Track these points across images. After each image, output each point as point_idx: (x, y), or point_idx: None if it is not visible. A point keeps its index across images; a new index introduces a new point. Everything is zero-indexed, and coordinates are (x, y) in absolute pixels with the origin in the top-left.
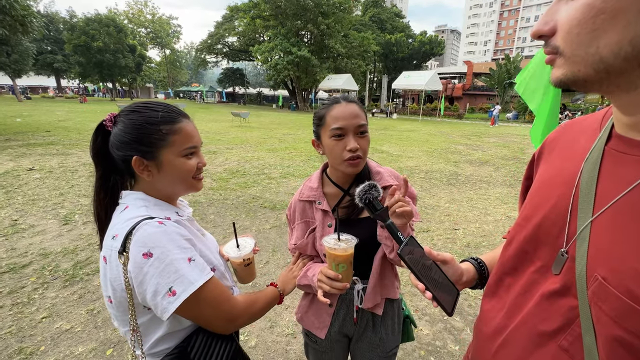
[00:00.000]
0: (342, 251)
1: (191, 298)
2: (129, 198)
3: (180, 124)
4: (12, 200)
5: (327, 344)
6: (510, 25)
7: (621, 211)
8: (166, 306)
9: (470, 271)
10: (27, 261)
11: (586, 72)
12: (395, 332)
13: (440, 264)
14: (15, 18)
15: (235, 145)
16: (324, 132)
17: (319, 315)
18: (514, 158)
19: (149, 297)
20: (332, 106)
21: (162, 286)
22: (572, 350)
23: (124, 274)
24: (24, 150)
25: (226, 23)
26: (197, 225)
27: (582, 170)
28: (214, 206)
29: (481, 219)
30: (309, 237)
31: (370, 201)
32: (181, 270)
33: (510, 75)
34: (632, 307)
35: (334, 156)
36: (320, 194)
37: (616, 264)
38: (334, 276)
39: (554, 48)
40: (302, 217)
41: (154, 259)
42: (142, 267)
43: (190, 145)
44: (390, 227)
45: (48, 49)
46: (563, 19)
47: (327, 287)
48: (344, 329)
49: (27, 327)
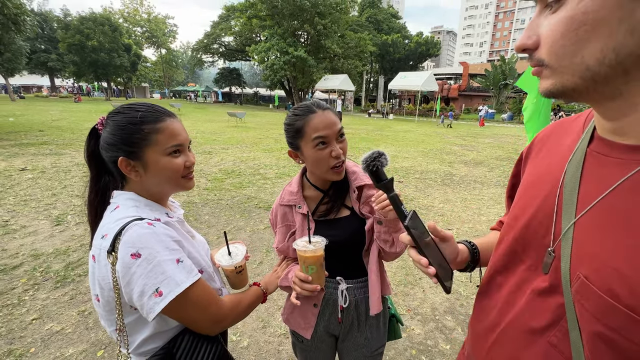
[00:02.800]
0: (312, 252)
1: (177, 299)
2: (119, 198)
3: (163, 122)
4: (3, 201)
5: (313, 344)
6: (506, 27)
7: (602, 212)
8: (152, 306)
9: (464, 252)
10: (17, 262)
11: (574, 82)
12: (381, 332)
13: (440, 241)
14: (7, 16)
15: (230, 145)
16: (305, 143)
17: (304, 316)
18: (508, 159)
19: (136, 297)
20: (308, 116)
21: (148, 287)
22: (561, 346)
23: (112, 273)
24: (16, 150)
25: (222, 22)
26: (188, 227)
27: (566, 172)
28: (209, 206)
29: (475, 219)
30: (289, 240)
31: (377, 168)
32: (168, 272)
33: (506, 76)
34: (612, 304)
35: (318, 165)
36: (300, 198)
37: (597, 263)
38: (303, 278)
39: (539, 61)
40: (282, 221)
41: (142, 259)
42: (129, 267)
43: (174, 143)
44: (394, 199)
45: (42, 47)
46: (546, 32)
47: (299, 289)
48: (329, 329)
49: (17, 329)
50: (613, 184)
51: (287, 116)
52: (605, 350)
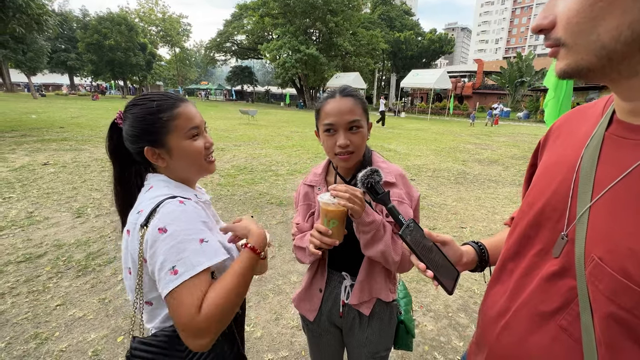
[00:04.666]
0: (335, 207)
1: (190, 282)
2: (153, 179)
3: (178, 108)
4: (27, 194)
5: (318, 329)
6: (523, 23)
7: (618, 194)
8: (167, 283)
9: (471, 253)
10: (42, 251)
11: (589, 60)
12: (384, 336)
13: (441, 245)
14: (31, 17)
15: (243, 142)
16: (320, 125)
17: (310, 299)
18: (524, 157)
19: (156, 270)
20: (326, 100)
21: (167, 262)
22: (571, 329)
23: (140, 245)
24: (38, 146)
25: (235, 21)
26: (213, 211)
27: (583, 156)
28: (222, 202)
29: (489, 218)
30: (308, 220)
31: (372, 185)
32: (188, 251)
33: (522, 74)
34: (626, 284)
35: (326, 149)
36: (321, 180)
37: (612, 245)
38: (324, 231)
39: (556, 40)
40: (304, 199)
41: (167, 234)
42: (155, 240)
43: (192, 126)
44: (392, 210)
45: (62, 47)
46: (562, 11)
47: (317, 241)
48: (332, 319)
49: (42, 314)
50: (630, 167)
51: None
52: (619, 331)
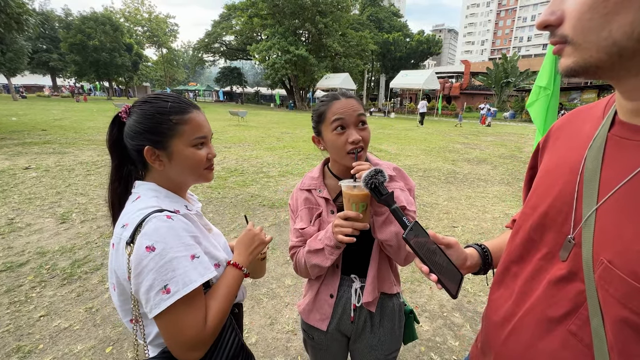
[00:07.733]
0: (358, 190)
1: (184, 299)
2: (141, 188)
3: (190, 114)
4: (8, 199)
5: (325, 340)
6: (507, 25)
7: (625, 197)
8: (158, 302)
9: (474, 256)
10: (24, 260)
11: (598, 58)
12: (396, 334)
13: (445, 248)
14: (10, 16)
15: (233, 144)
16: (325, 128)
17: (320, 308)
18: (512, 156)
19: (143, 290)
20: (331, 102)
21: (158, 282)
22: (581, 333)
23: (128, 264)
24: (19, 149)
25: (223, 22)
26: (205, 220)
27: (586, 158)
28: (213, 204)
29: (479, 216)
30: (315, 222)
31: (376, 186)
32: (179, 270)
33: (507, 74)
34: (637, 288)
35: (336, 150)
36: (320, 183)
37: (621, 247)
38: (355, 215)
39: (562, 37)
40: (305, 203)
41: (155, 253)
42: (142, 259)
43: (199, 135)
44: (396, 211)
45: (43, 47)
46: (572, 7)
47: (348, 229)
48: (341, 327)
49: (25, 326)
50: (636, 168)
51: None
52: (631, 335)
